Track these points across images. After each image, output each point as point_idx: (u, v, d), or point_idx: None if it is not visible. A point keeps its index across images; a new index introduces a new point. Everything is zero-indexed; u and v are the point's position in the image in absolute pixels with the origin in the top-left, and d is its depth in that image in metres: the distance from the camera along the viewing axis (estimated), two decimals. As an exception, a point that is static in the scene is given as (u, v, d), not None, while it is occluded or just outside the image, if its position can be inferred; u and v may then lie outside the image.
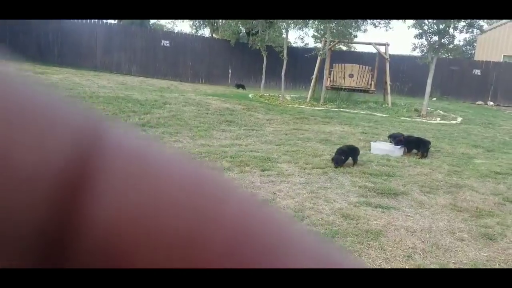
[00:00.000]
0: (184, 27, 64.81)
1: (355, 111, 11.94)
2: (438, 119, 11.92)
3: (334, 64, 14.43)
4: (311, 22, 16.11)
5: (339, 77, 14.36)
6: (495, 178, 5.61)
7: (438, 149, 7.25)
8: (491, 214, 4.28)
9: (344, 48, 24.50)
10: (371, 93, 14.30)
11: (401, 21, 13.77)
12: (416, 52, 13.93)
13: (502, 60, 22.42)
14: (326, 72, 13.69)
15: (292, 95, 14.81)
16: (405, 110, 12.89)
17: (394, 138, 6.73)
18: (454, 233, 3.77)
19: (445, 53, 13.50)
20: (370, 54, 18.80)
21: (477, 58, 23.79)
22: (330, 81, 14.04)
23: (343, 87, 13.98)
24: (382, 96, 14.74)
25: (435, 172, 5.73)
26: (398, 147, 6.52)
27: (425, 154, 6.50)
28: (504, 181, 5.52)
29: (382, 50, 14.50)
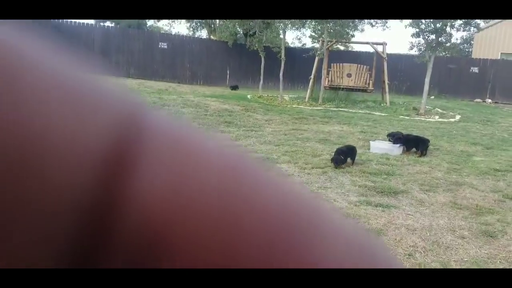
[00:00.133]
0: (181, 29, 64.89)
1: (354, 111, 11.94)
2: (437, 117, 11.94)
3: (332, 64, 14.44)
4: (308, 22, 16.10)
5: (337, 76, 14.37)
6: (495, 175, 5.62)
7: (437, 147, 7.26)
8: (491, 211, 4.29)
9: (341, 48, 24.51)
10: (369, 92, 14.31)
11: (398, 20, 13.82)
12: (413, 51, 13.97)
13: (499, 57, 22.46)
14: (324, 72, 13.70)
15: (290, 96, 14.82)
16: (403, 109, 12.91)
17: (393, 136, 6.73)
18: (454, 231, 3.77)
19: (442, 51, 13.52)
20: (368, 53, 18.81)
21: (474, 56, 23.80)
22: (328, 81, 14.06)
23: (341, 87, 13.99)
24: (381, 95, 14.75)
25: (435, 170, 5.73)
26: (397, 146, 6.53)
27: (424, 152, 6.51)
28: (503, 178, 5.53)
29: (379, 49, 14.51)
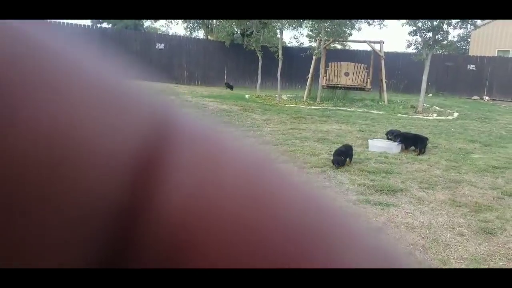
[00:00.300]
0: (178, 30, 64.84)
1: (352, 109, 11.95)
2: (435, 115, 11.95)
3: (329, 62, 14.44)
4: (305, 21, 16.12)
5: (335, 75, 14.37)
6: (493, 173, 5.63)
7: (435, 145, 7.26)
8: (490, 208, 4.29)
9: (339, 46, 24.50)
10: (367, 91, 14.32)
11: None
12: (410, 49, 14.00)
13: (496, 55, 22.51)
14: (321, 71, 13.70)
15: (288, 95, 14.82)
16: (401, 107, 12.92)
17: (392, 134, 6.74)
18: (453, 228, 3.77)
19: (439, 49, 13.54)
20: (365, 52, 18.81)
21: (471, 53, 23.84)
22: (326, 80, 14.06)
23: (339, 86, 13.99)
24: (378, 93, 14.76)
25: (433, 168, 5.74)
26: (395, 144, 6.53)
27: (422, 150, 6.51)
28: (502, 175, 5.54)
29: (377, 48, 14.52)
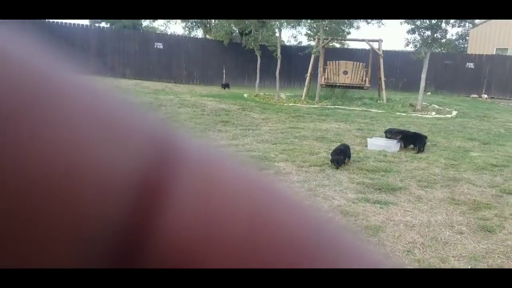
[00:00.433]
0: (177, 29, 64.75)
1: (351, 108, 11.96)
2: (433, 114, 11.96)
3: (328, 61, 14.44)
4: (304, 20, 16.13)
5: (334, 74, 14.37)
6: (492, 171, 5.63)
7: (434, 143, 7.27)
8: (489, 206, 4.30)
9: (337, 45, 24.53)
10: (366, 89, 14.33)
11: (393, 16, 13.80)
12: (409, 47, 14.02)
13: (494, 53, 22.52)
14: (320, 69, 13.70)
15: (287, 94, 14.82)
16: (400, 106, 12.93)
17: (391, 133, 6.75)
18: (452, 226, 3.78)
19: (438, 47, 13.56)
20: (364, 50, 18.83)
21: (470, 51, 23.87)
22: (325, 78, 14.06)
23: (338, 84, 13.99)
24: (377, 92, 14.77)
25: (432, 166, 5.74)
26: (394, 142, 6.54)
27: (421, 149, 6.52)
28: (500, 173, 5.54)
29: (375, 46, 14.52)
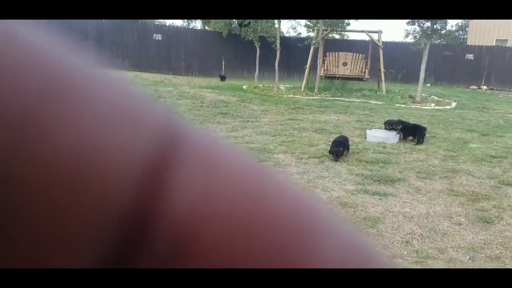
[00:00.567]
0: (175, 20, 64.36)
1: (350, 100, 11.94)
2: (433, 105, 11.95)
3: (327, 52, 14.39)
4: (303, 11, 16.03)
5: (333, 65, 14.33)
6: (491, 162, 5.65)
7: (433, 134, 7.28)
8: (488, 197, 4.32)
9: (337, 36, 24.42)
10: (365, 81, 14.29)
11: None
12: (409, 38, 13.96)
13: (494, 44, 22.45)
14: (319, 61, 13.66)
15: (286, 85, 14.79)
16: (399, 97, 12.91)
17: (390, 124, 6.75)
18: (451, 217, 3.80)
19: (438, 38, 13.50)
20: (363, 41, 18.75)
21: (469, 43, 23.79)
22: (324, 70, 14.01)
23: (337, 76, 13.95)
24: (376, 83, 14.74)
25: (431, 157, 5.75)
26: (393, 134, 6.55)
27: (421, 140, 6.52)
28: (499, 164, 5.56)
29: (375, 38, 14.46)
